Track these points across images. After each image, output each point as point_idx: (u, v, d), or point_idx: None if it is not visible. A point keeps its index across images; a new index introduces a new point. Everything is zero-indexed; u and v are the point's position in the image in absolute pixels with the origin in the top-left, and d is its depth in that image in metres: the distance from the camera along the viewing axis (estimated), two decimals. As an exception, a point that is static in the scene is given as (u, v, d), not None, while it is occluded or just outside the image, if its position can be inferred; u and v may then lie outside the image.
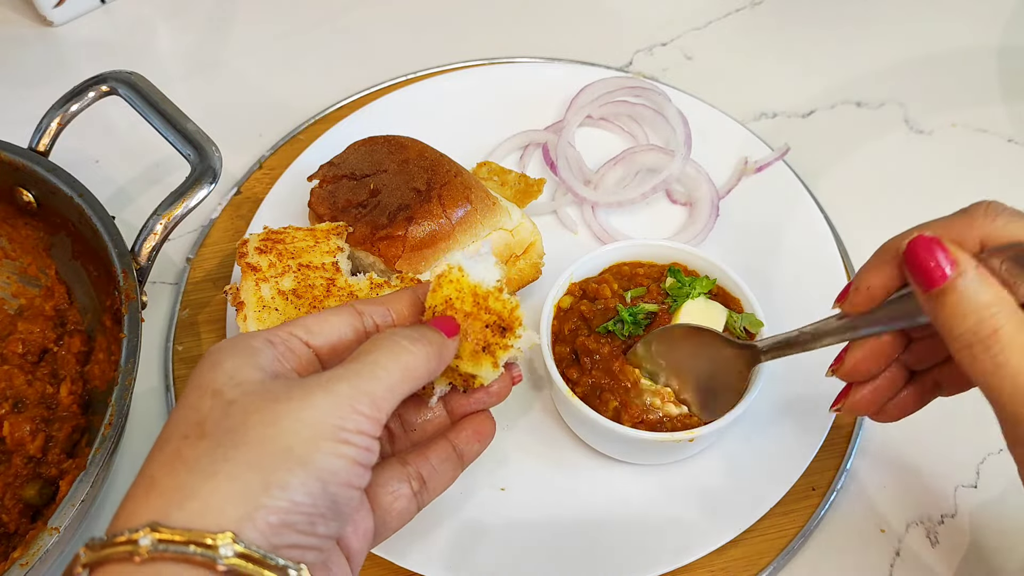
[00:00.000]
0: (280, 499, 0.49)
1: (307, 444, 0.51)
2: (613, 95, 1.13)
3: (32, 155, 0.91)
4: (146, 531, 0.47)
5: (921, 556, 0.86)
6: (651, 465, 0.88)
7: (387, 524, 0.63)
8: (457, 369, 0.66)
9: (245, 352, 0.56)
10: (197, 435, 0.51)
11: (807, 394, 0.91)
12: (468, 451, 0.69)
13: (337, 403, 0.53)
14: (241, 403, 0.52)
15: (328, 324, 0.61)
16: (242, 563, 0.46)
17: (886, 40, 1.26)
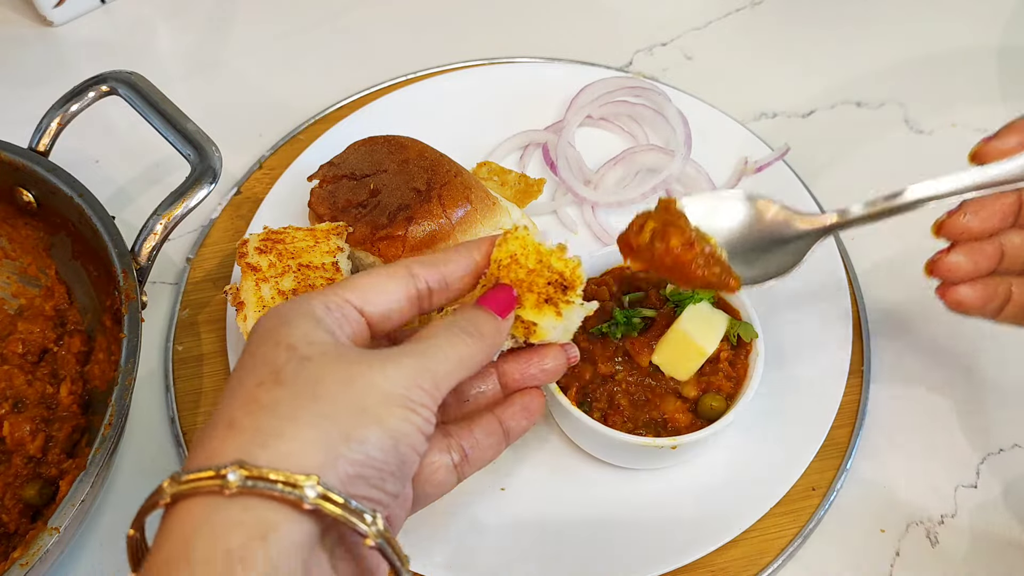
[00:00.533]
0: (358, 452, 0.52)
1: (380, 406, 0.54)
2: (613, 95, 1.13)
3: (32, 155, 0.91)
4: (234, 467, 0.48)
5: (921, 556, 0.86)
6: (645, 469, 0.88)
7: (426, 492, 0.65)
8: (520, 318, 0.67)
9: (311, 316, 0.58)
10: (273, 382, 0.53)
11: (807, 394, 0.91)
12: (515, 427, 0.70)
13: (405, 375, 0.56)
14: (317, 361, 0.55)
15: (383, 293, 0.63)
16: (325, 504, 0.49)
17: (886, 40, 1.26)
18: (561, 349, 0.71)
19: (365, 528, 0.51)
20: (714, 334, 0.84)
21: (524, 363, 0.71)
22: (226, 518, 0.48)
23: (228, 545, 0.47)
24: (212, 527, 0.48)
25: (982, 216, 0.71)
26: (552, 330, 0.68)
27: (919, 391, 0.96)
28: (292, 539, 0.49)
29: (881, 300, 1.01)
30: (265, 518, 0.48)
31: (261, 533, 0.48)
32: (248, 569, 0.46)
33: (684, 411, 0.83)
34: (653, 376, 0.84)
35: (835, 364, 0.93)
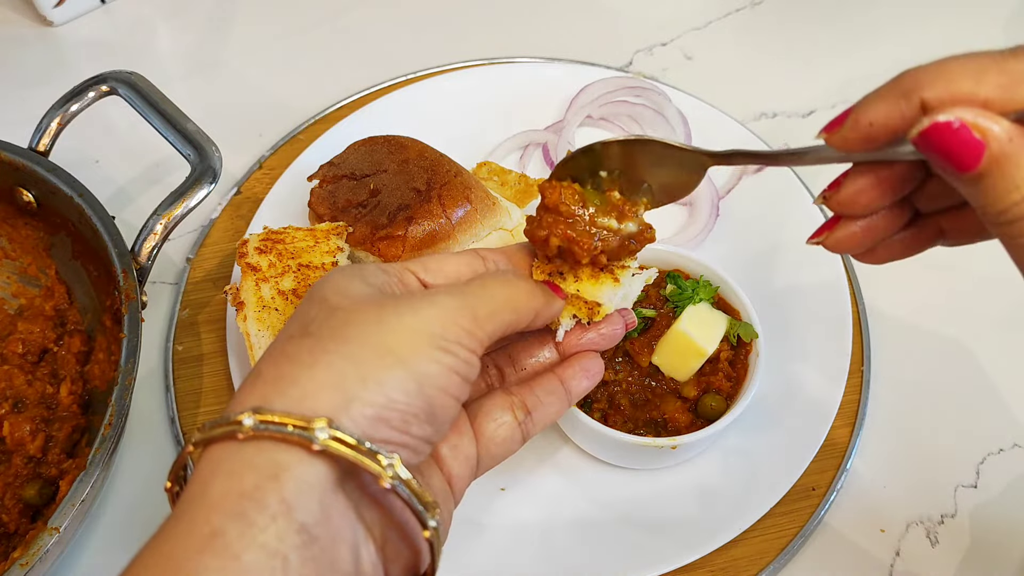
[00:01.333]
0: (376, 393, 0.51)
1: (406, 346, 0.53)
2: (613, 95, 1.13)
3: (32, 155, 0.91)
4: (249, 413, 0.50)
5: (921, 556, 0.86)
6: (645, 469, 0.88)
7: (491, 452, 0.64)
8: (580, 296, 0.68)
9: (356, 272, 0.58)
10: (301, 335, 0.54)
11: (807, 394, 0.91)
12: (575, 387, 0.69)
13: (440, 314, 0.55)
14: (346, 308, 0.55)
15: (447, 263, 0.63)
16: (335, 445, 0.49)
17: (886, 40, 1.26)
18: (618, 314, 0.71)
19: (378, 469, 0.50)
20: (714, 335, 0.84)
21: (581, 328, 0.70)
22: (241, 460, 0.49)
23: (242, 486, 0.48)
24: (228, 469, 0.49)
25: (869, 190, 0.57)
26: (613, 302, 0.68)
27: (919, 391, 0.96)
28: (305, 479, 0.49)
29: (881, 300, 1.01)
30: (276, 460, 0.49)
31: (273, 474, 0.48)
32: (261, 508, 0.47)
33: (684, 411, 0.83)
34: (653, 376, 0.84)
35: (835, 364, 0.93)
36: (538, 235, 0.67)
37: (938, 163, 0.50)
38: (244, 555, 0.46)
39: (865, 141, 0.53)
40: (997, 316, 1.01)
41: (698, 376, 0.84)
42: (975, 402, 0.95)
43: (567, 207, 0.67)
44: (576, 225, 0.67)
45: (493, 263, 0.66)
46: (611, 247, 0.68)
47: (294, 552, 0.47)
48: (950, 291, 1.02)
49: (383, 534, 0.54)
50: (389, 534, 0.54)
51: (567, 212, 0.67)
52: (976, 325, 1.01)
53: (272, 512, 0.47)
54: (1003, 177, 0.48)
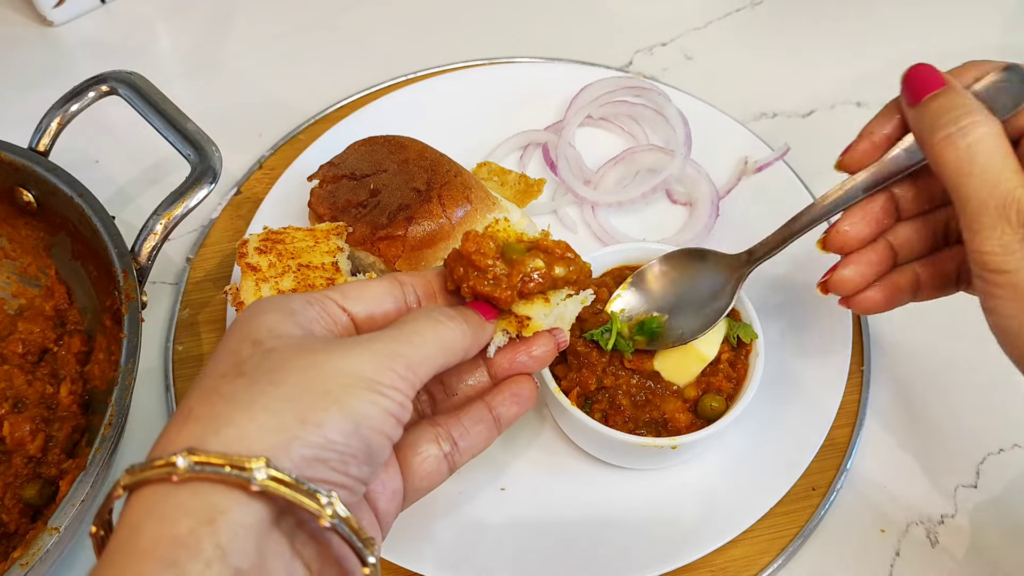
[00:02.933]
0: (315, 434, 0.51)
1: (343, 389, 0.53)
2: (613, 95, 1.13)
3: (32, 155, 0.91)
4: (184, 454, 0.48)
5: (921, 556, 0.86)
6: (645, 469, 0.88)
7: (415, 486, 0.64)
8: (511, 312, 0.68)
9: (285, 310, 0.58)
10: (235, 374, 0.53)
11: (807, 394, 0.91)
12: (505, 413, 0.69)
13: (374, 359, 0.55)
14: (281, 351, 0.54)
15: (367, 292, 0.63)
16: (275, 485, 0.48)
17: (886, 40, 1.26)
18: (550, 335, 0.70)
19: (317, 508, 0.49)
20: (714, 339, 0.84)
21: (512, 352, 0.70)
22: (175, 504, 0.48)
23: (175, 531, 0.46)
24: (160, 513, 0.48)
25: (857, 223, 0.75)
26: (544, 320, 0.68)
27: (919, 391, 0.96)
28: (242, 522, 0.48)
29: (881, 300, 1.01)
30: (213, 503, 0.48)
31: (209, 518, 0.47)
32: (194, 555, 0.45)
33: (684, 411, 0.83)
34: (653, 377, 0.84)
35: (835, 364, 0.93)
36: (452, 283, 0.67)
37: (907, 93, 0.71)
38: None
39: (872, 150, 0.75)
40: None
41: (699, 377, 0.84)
42: (975, 402, 0.95)
43: (480, 257, 0.66)
44: (487, 277, 0.66)
45: (411, 289, 0.66)
46: (537, 287, 0.67)
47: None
48: (950, 291, 1.02)
49: (321, 571, 0.54)
50: (327, 570, 0.54)
51: (480, 263, 0.66)
52: (976, 325, 1.00)
53: (206, 558, 0.46)
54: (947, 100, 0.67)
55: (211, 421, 0.50)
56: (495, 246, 0.68)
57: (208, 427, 0.50)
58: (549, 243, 0.70)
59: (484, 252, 0.66)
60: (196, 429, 0.50)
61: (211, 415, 0.51)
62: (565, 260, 0.69)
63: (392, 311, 0.64)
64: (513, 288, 0.66)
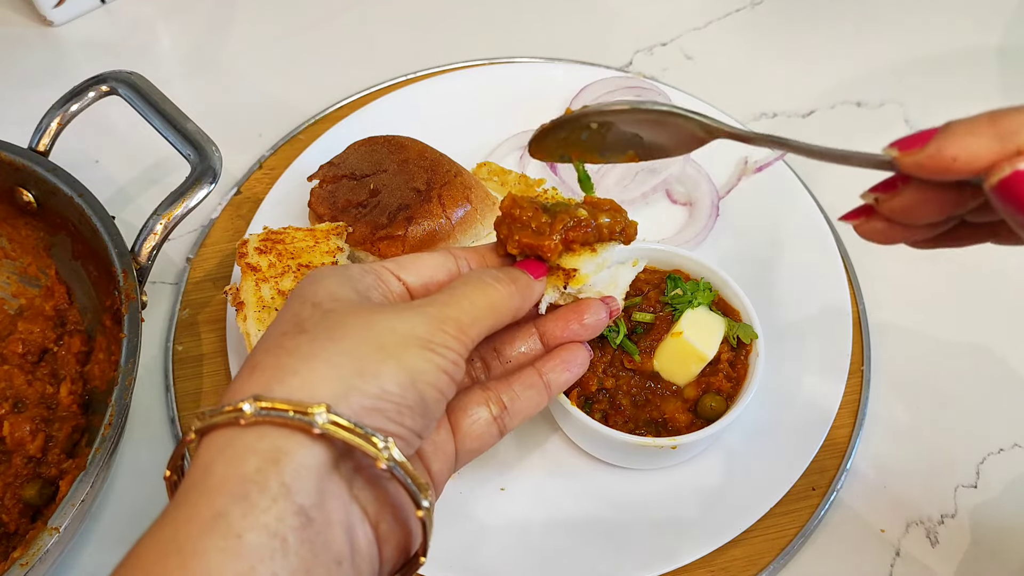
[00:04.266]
0: (372, 385, 0.53)
1: (399, 346, 0.55)
2: (613, 95, 1.12)
3: (32, 155, 0.91)
4: (250, 400, 0.51)
5: (921, 556, 0.86)
6: (645, 469, 0.88)
7: (467, 447, 0.66)
8: (559, 267, 0.68)
9: (343, 277, 0.61)
10: (296, 331, 0.56)
11: (807, 394, 0.91)
12: (556, 379, 0.70)
13: (426, 321, 0.58)
14: (339, 312, 0.57)
15: (421, 263, 0.66)
16: (334, 429, 0.51)
17: (886, 40, 1.26)
18: (601, 302, 0.72)
19: (375, 451, 0.52)
20: (714, 339, 0.84)
21: (564, 319, 0.72)
22: (242, 446, 0.51)
23: (244, 470, 0.49)
24: (229, 454, 0.50)
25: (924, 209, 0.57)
26: (592, 272, 0.69)
27: (919, 391, 0.96)
28: (304, 463, 0.50)
29: (881, 300, 1.01)
30: (278, 445, 0.50)
31: (274, 458, 0.50)
32: (262, 491, 0.48)
33: (684, 411, 0.83)
34: (653, 377, 0.84)
35: (835, 364, 0.93)
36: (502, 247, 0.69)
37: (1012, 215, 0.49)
38: (246, 535, 0.47)
39: (941, 172, 0.52)
40: (998, 316, 1.01)
41: (698, 377, 0.84)
42: (975, 402, 0.95)
43: (520, 211, 0.68)
44: (531, 227, 0.68)
45: (464, 262, 0.68)
46: (583, 236, 0.68)
47: (292, 533, 0.48)
48: (950, 291, 1.02)
49: (377, 514, 0.56)
50: (383, 515, 0.56)
51: (520, 216, 0.68)
52: (976, 325, 1.01)
53: (273, 494, 0.49)
54: None
55: (276, 371, 0.53)
56: (535, 203, 0.69)
57: (273, 377, 0.53)
58: (596, 199, 0.71)
59: (523, 206, 0.68)
60: (262, 379, 0.53)
61: (276, 366, 0.54)
62: (611, 211, 0.70)
63: (445, 282, 0.65)
64: (557, 234, 0.67)
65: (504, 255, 0.70)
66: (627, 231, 0.71)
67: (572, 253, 0.69)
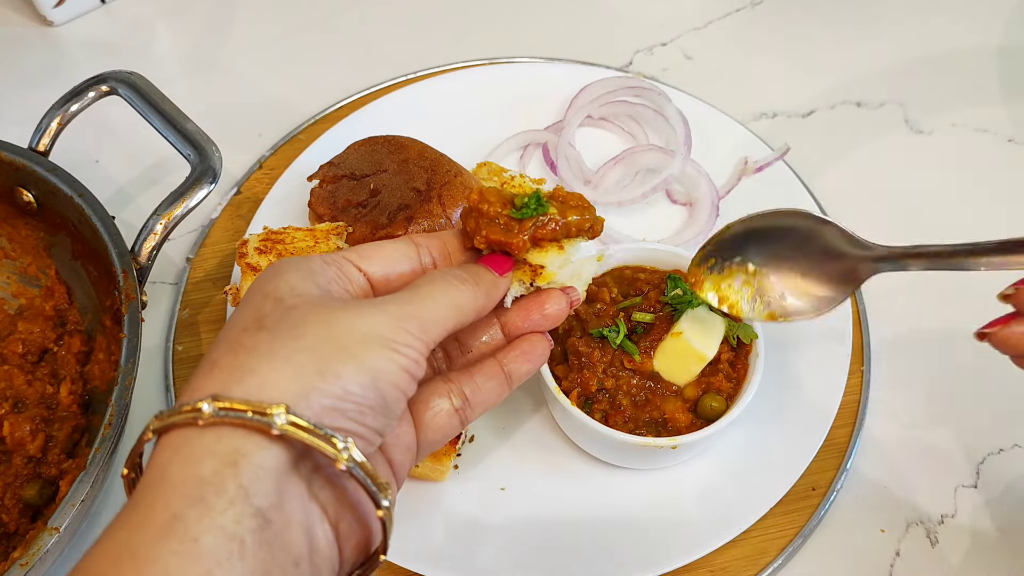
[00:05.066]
0: (333, 384, 0.53)
1: (360, 345, 0.55)
2: (613, 95, 1.13)
3: (32, 155, 0.91)
4: (208, 400, 0.51)
5: (921, 556, 0.86)
6: (645, 469, 0.88)
7: (428, 439, 0.66)
8: (526, 261, 0.68)
9: (304, 270, 0.60)
10: (256, 328, 0.56)
11: (807, 394, 0.91)
12: (516, 370, 0.70)
13: (388, 320, 0.57)
14: (300, 308, 0.56)
15: (383, 252, 0.65)
16: (293, 430, 0.50)
17: (886, 40, 1.26)
18: (562, 292, 0.71)
19: (334, 452, 0.51)
20: (714, 339, 0.84)
21: (526, 310, 0.71)
22: (200, 447, 0.50)
23: (201, 471, 0.49)
24: (186, 455, 0.50)
25: None
26: (558, 270, 0.69)
27: (919, 391, 0.96)
28: (262, 464, 0.50)
29: (881, 300, 1.01)
30: (236, 446, 0.50)
31: (232, 460, 0.50)
32: (219, 494, 0.48)
33: (684, 411, 0.83)
34: (653, 377, 0.84)
35: (835, 364, 0.93)
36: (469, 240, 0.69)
37: None
38: (203, 538, 0.47)
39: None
40: (996, 316, 1.01)
41: (699, 377, 0.84)
42: (975, 402, 0.95)
43: (487, 205, 0.67)
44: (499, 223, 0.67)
45: (426, 250, 0.67)
46: (551, 234, 0.68)
47: (250, 535, 0.48)
48: (950, 291, 1.02)
49: (337, 513, 0.56)
50: (343, 514, 0.56)
51: (488, 212, 0.68)
52: (976, 325, 1.01)
53: (230, 496, 0.48)
54: None
55: (235, 370, 0.53)
56: (503, 196, 0.68)
57: (232, 376, 0.53)
58: (563, 193, 0.71)
59: (490, 200, 0.67)
60: (220, 377, 0.53)
61: (235, 365, 0.53)
62: (578, 208, 0.70)
63: (407, 272, 0.65)
64: (525, 232, 0.67)
65: (470, 248, 0.70)
66: (594, 227, 0.71)
67: (540, 249, 0.69)
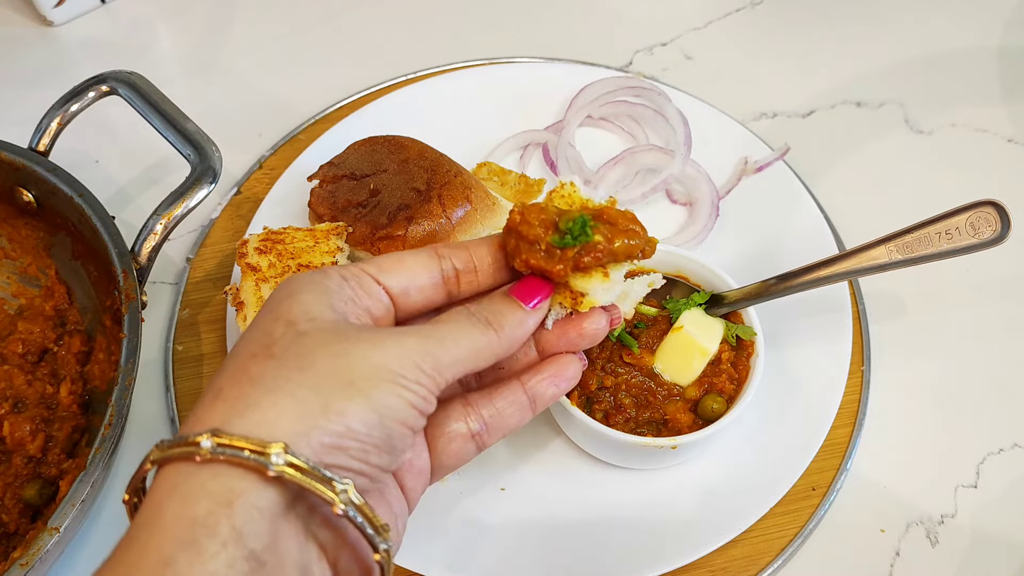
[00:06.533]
0: (336, 423, 0.52)
1: (368, 380, 0.53)
2: (613, 95, 1.13)
3: (32, 155, 0.91)
4: (207, 435, 0.50)
5: (921, 556, 0.86)
6: (645, 469, 0.88)
7: (442, 463, 0.64)
8: (567, 286, 0.64)
9: (321, 289, 0.58)
10: (265, 355, 0.54)
11: (807, 394, 0.91)
12: (543, 394, 0.66)
13: (403, 354, 0.55)
14: (312, 335, 0.55)
15: (404, 264, 0.62)
16: (290, 471, 0.49)
17: (886, 40, 1.26)
18: (602, 311, 0.67)
19: (331, 495, 0.51)
20: (714, 334, 0.84)
21: (563, 327, 0.67)
22: (196, 485, 0.49)
23: (195, 512, 0.48)
24: (182, 493, 0.49)
25: None
26: (603, 296, 0.64)
27: (919, 391, 0.96)
28: (257, 505, 0.49)
29: (881, 300, 1.01)
30: (231, 485, 0.49)
31: (227, 499, 0.49)
32: (212, 536, 0.47)
33: (685, 411, 0.83)
34: (653, 376, 0.84)
35: (835, 364, 0.93)
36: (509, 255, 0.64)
37: None
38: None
39: None
40: (997, 316, 1.01)
41: (700, 377, 0.84)
42: (975, 402, 0.95)
43: (527, 228, 0.62)
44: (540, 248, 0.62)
45: (450, 262, 0.64)
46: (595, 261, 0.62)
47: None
48: (950, 291, 1.02)
49: (336, 551, 0.55)
50: (341, 552, 0.55)
51: (528, 234, 0.62)
52: (976, 325, 1.01)
53: (223, 539, 0.48)
54: None
55: (237, 402, 0.52)
56: (547, 217, 0.63)
57: (235, 408, 0.52)
58: (614, 213, 0.64)
59: (531, 222, 0.62)
60: (223, 409, 0.52)
61: (239, 396, 0.52)
62: (628, 232, 0.64)
63: (428, 285, 0.63)
64: (567, 261, 0.62)
65: (508, 267, 0.65)
66: (645, 252, 0.65)
67: (583, 274, 0.63)
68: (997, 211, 0.78)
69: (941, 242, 0.80)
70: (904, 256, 0.81)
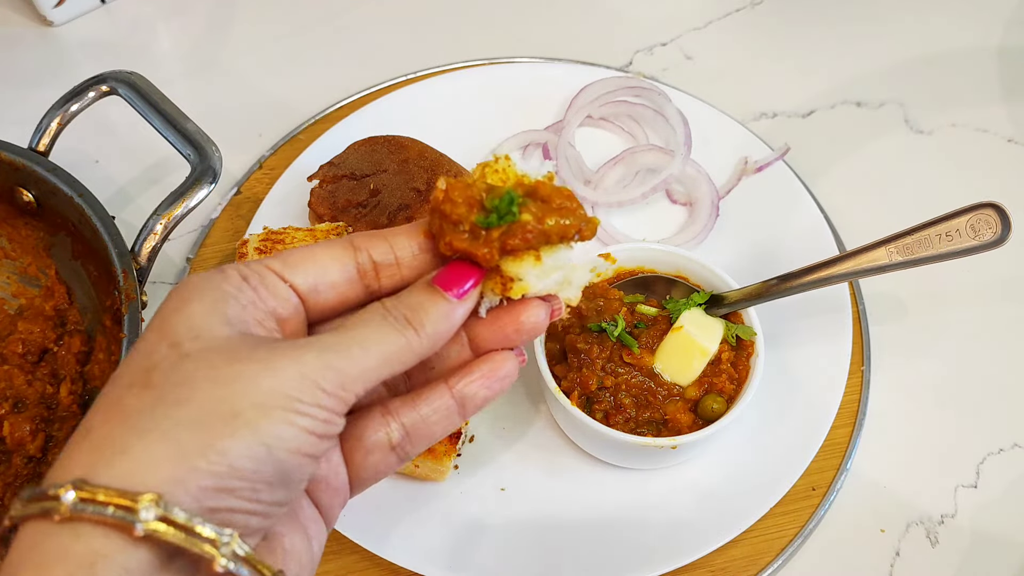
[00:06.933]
0: (217, 464, 0.46)
1: (256, 409, 0.47)
2: (613, 95, 1.13)
3: (32, 155, 0.91)
4: (69, 487, 0.44)
5: (921, 556, 0.86)
6: (645, 469, 0.89)
7: (361, 477, 0.58)
8: (499, 271, 0.56)
9: (214, 296, 0.51)
10: (142, 385, 0.48)
11: (807, 394, 0.91)
12: (473, 396, 0.58)
13: (300, 374, 0.49)
14: (195, 359, 0.49)
15: (313, 258, 0.55)
16: (162, 528, 0.44)
17: (886, 40, 1.26)
18: (542, 302, 0.58)
19: (210, 551, 0.45)
20: (714, 334, 0.84)
21: (498, 321, 0.58)
22: (55, 547, 0.44)
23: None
24: (39, 558, 0.44)
25: None
26: (536, 282, 0.56)
27: (919, 391, 0.96)
28: (125, 566, 0.44)
29: (881, 301, 1.01)
30: (95, 547, 0.44)
31: (90, 562, 0.43)
32: None
33: (685, 411, 0.83)
34: (654, 376, 0.84)
35: (835, 364, 0.93)
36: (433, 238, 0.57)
37: None
38: None
39: None
40: (997, 317, 1.01)
41: (701, 377, 0.84)
42: (975, 402, 0.95)
43: (451, 206, 0.55)
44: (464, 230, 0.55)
45: (366, 253, 0.56)
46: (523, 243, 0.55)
47: None
48: (950, 292, 1.02)
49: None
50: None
51: (451, 214, 0.55)
52: (976, 325, 1.01)
53: None
54: None
55: (105, 448, 0.46)
56: (473, 194, 0.56)
57: (102, 454, 0.46)
58: (549, 189, 0.57)
59: (454, 200, 0.55)
60: (90, 454, 0.46)
61: (108, 438, 0.46)
62: (562, 211, 0.56)
63: (341, 280, 0.56)
64: (494, 243, 0.54)
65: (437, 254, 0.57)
66: (583, 232, 0.57)
67: (514, 258, 0.55)
68: (997, 213, 0.79)
69: (941, 244, 0.80)
70: (904, 258, 0.81)
